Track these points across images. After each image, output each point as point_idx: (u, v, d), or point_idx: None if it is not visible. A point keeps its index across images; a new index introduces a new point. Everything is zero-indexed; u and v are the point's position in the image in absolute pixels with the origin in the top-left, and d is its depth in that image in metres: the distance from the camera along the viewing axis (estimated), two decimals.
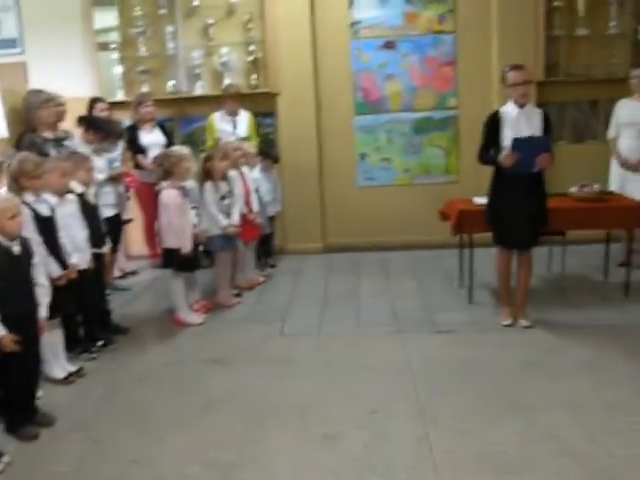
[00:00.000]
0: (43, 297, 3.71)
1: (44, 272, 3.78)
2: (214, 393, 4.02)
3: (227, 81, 7.08)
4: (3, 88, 5.47)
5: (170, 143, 6.59)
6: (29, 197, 3.99)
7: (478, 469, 3.07)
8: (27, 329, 3.51)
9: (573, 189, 5.46)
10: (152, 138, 6.57)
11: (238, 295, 5.81)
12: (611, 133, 6.19)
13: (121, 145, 6.02)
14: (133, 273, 6.80)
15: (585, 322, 4.89)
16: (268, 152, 6.76)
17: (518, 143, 4.50)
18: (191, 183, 5.46)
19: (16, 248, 3.49)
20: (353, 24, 7.21)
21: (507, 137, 4.59)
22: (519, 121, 4.60)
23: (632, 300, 5.30)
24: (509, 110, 4.66)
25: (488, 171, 4.84)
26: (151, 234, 6.80)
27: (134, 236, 7.13)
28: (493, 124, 4.68)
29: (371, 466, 3.14)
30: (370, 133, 7.40)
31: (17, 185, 3.99)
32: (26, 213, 3.91)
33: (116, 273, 6.46)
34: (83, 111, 5.96)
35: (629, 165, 5.98)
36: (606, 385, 3.86)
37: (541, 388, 3.86)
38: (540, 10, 6.88)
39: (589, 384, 3.88)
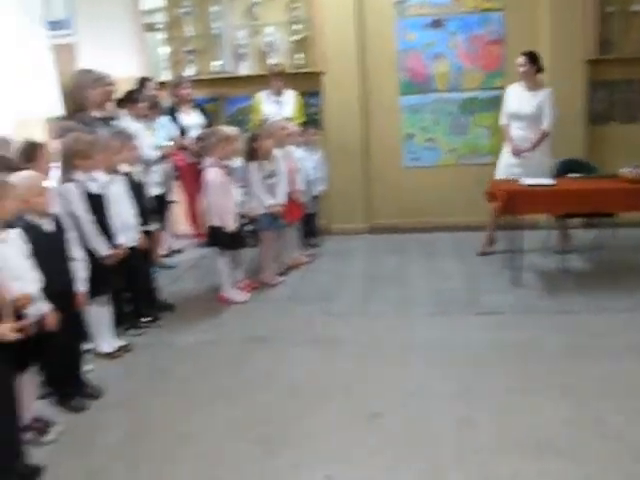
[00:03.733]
0: (80, 272, 3.67)
1: (80, 247, 3.73)
2: (258, 371, 4.05)
3: (272, 60, 7.07)
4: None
5: (210, 124, 6.61)
6: (80, 176, 4.06)
7: (520, 450, 3.06)
8: (64, 305, 3.42)
9: (624, 170, 5.29)
10: (191, 120, 6.60)
11: (282, 274, 5.84)
12: (503, 120, 6.08)
13: (168, 124, 6.07)
14: (179, 251, 6.86)
15: (636, 307, 4.75)
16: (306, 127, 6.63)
17: None
18: (237, 162, 5.48)
19: (47, 225, 3.45)
20: (399, 2, 7.12)
21: None
22: None
23: None
24: None
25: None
26: (194, 214, 6.86)
27: (180, 215, 7.19)
28: None
29: (417, 444, 3.15)
30: (416, 113, 7.32)
31: (69, 164, 4.06)
32: (76, 192, 4.00)
33: (162, 251, 6.54)
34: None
35: (520, 151, 5.84)
36: None
37: (588, 372, 3.79)
38: None
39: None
